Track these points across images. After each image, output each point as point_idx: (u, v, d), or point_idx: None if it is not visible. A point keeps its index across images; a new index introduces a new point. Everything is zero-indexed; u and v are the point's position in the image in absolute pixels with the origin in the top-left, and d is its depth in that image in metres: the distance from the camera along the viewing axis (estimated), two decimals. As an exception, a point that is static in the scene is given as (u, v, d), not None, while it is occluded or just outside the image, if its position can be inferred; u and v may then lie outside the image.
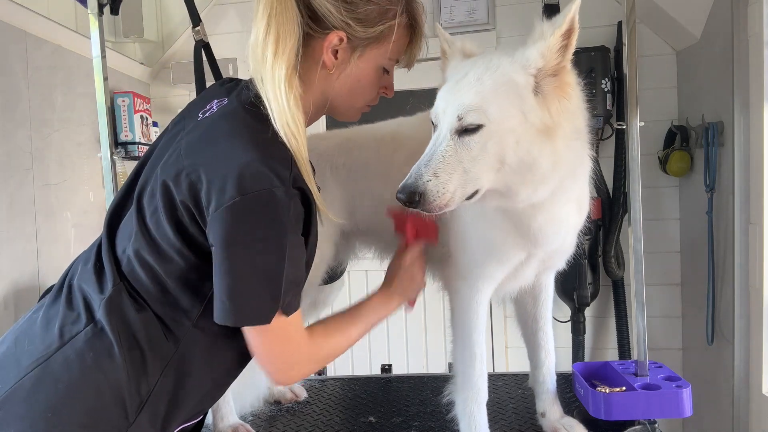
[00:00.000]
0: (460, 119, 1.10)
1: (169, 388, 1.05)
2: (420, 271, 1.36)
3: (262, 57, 1.07)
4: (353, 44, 1.15)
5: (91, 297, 1.06)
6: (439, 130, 1.15)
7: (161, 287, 1.05)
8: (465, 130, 1.11)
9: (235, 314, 1.02)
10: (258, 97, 1.08)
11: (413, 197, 1.08)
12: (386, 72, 1.23)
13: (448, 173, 1.09)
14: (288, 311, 1.06)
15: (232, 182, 0.97)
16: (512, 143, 1.11)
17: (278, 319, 1.05)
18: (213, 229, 0.99)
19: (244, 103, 1.10)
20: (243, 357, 1.16)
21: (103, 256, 1.10)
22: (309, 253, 1.13)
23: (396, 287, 1.33)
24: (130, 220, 1.09)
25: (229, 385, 1.23)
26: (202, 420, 1.26)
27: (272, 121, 1.05)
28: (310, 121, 1.22)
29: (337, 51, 1.14)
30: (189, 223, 1.03)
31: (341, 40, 1.13)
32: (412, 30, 1.23)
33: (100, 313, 1.03)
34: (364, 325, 1.26)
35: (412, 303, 1.38)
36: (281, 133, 1.05)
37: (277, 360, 1.11)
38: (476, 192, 1.13)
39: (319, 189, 1.13)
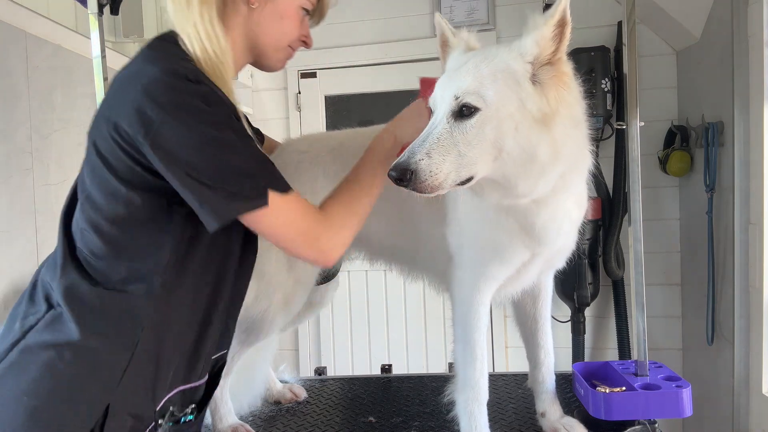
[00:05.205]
0: (456, 100, 1.12)
1: (149, 350, 1.05)
2: (425, 120, 1.26)
3: None
4: None
5: (50, 285, 1.07)
6: (436, 114, 1.16)
7: (117, 249, 1.05)
8: (461, 114, 1.12)
9: (222, 210, 1.01)
10: (174, 34, 1.11)
11: (405, 174, 1.09)
12: (307, 14, 1.24)
13: (441, 155, 1.10)
14: (282, 188, 1.06)
15: (146, 103, 0.99)
16: (511, 129, 1.11)
17: (277, 198, 1.05)
18: (152, 157, 1.00)
19: (149, 44, 1.12)
20: (214, 303, 1.15)
21: (58, 242, 1.11)
22: None
23: (396, 122, 1.29)
24: (77, 193, 1.12)
25: (212, 340, 1.19)
26: (209, 392, 1.25)
27: (187, 48, 1.08)
28: (236, 66, 1.22)
29: None
30: (126, 165, 1.02)
31: None
32: None
33: (57, 297, 1.04)
34: (368, 169, 1.23)
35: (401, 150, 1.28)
36: (202, 59, 1.07)
37: (301, 239, 1.10)
38: (470, 178, 1.13)
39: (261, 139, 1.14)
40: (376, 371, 2.08)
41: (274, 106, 3.49)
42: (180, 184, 1.00)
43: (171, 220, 1.06)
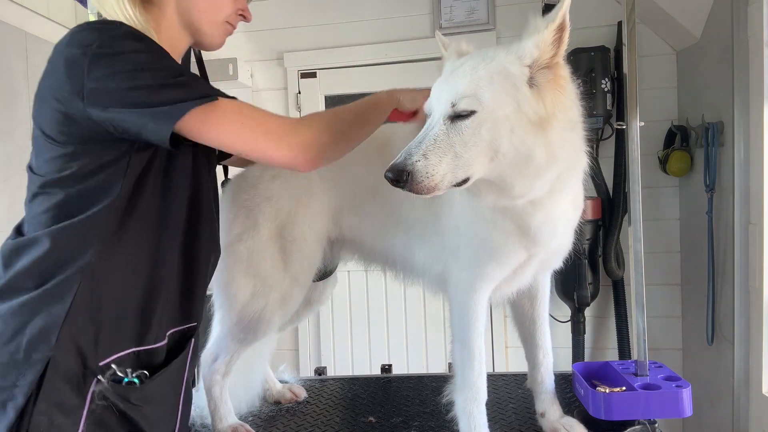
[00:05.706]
0: (453, 105, 1.12)
1: (87, 306, 1.05)
2: (424, 94, 1.28)
3: None
4: None
5: None
6: (432, 116, 1.16)
7: (59, 213, 1.08)
8: (458, 116, 1.12)
9: (167, 113, 1.02)
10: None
11: (401, 176, 1.09)
12: None
13: (438, 156, 1.10)
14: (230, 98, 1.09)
15: (71, 52, 1.02)
16: (507, 131, 1.11)
17: (226, 100, 1.07)
18: (92, 100, 1.01)
19: None
20: (160, 259, 1.15)
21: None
22: None
23: (393, 89, 1.32)
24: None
25: (165, 306, 1.16)
26: (168, 361, 1.19)
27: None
28: (175, 47, 1.22)
29: None
30: (62, 124, 1.04)
31: None
32: None
33: None
34: (358, 106, 1.26)
35: (403, 116, 1.33)
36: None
37: (265, 135, 1.10)
38: (467, 179, 1.13)
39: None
40: (376, 371, 2.08)
41: (274, 106, 3.49)
42: (121, 107, 1.01)
43: (107, 183, 1.07)
